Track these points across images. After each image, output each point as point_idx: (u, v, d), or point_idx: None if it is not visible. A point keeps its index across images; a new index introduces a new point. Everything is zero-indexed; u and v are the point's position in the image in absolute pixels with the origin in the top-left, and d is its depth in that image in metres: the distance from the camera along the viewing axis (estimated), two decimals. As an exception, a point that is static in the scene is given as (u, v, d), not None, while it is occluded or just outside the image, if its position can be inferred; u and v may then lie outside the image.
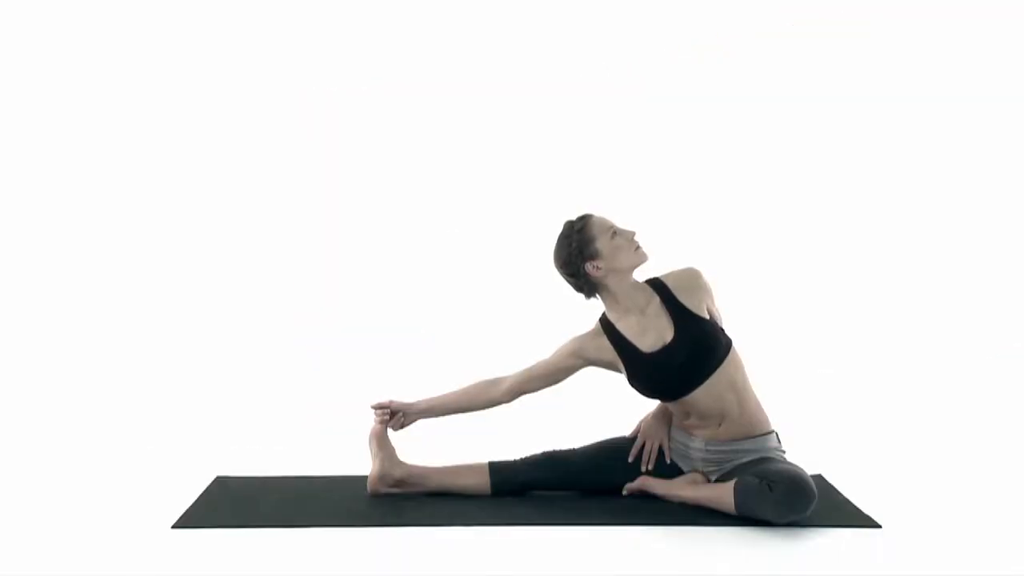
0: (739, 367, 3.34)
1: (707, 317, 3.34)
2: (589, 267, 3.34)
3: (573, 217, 3.41)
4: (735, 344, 3.36)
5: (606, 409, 3.87)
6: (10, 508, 3.36)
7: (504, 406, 3.50)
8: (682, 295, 3.35)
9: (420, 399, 3.53)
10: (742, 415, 3.32)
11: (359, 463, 3.62)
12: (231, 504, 3.37)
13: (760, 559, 2.88)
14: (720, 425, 3.33)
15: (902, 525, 3.17)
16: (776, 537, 3.05)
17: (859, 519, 3.22)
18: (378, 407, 3.53)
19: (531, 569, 2.83)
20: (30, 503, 3.42)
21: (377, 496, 3.45)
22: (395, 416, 3.52)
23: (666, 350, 3.31)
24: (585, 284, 3.38)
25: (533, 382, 3.45)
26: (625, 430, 3.53)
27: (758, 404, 3.36)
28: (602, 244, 3.33)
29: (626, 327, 3.37)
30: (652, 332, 3.34)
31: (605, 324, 3.41)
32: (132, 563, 2.88)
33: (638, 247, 3.35)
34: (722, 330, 3.36)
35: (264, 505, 3.37)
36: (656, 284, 3.39)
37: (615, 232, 3.34)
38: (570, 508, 3.33)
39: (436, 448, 3.67)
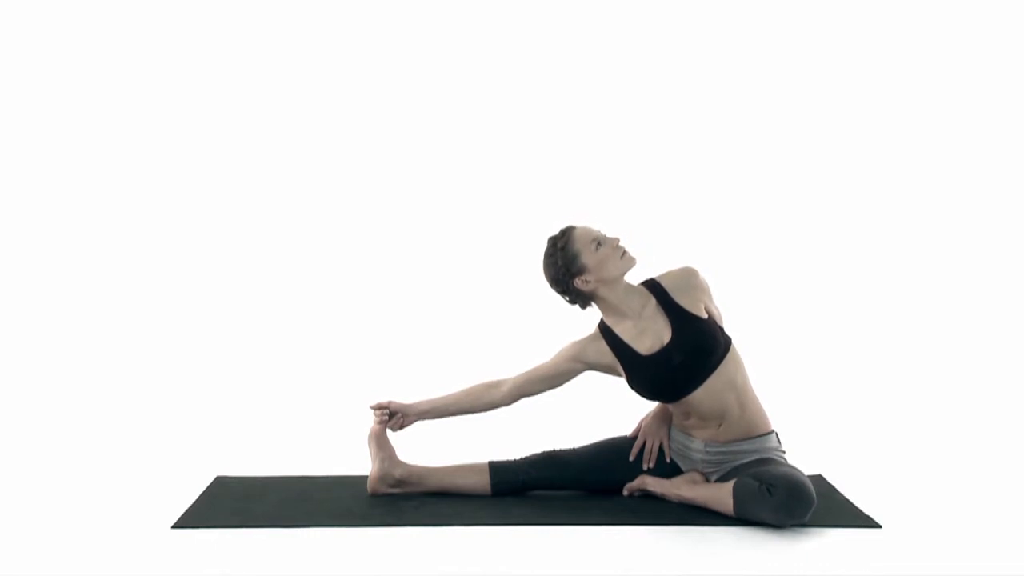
0: (739, 366, 3.33)
1: (705, 316, 3.33)
2: (578, 282, 3.33)
3: (555, 232, 3.39)
4: (735, 343, 3.36)
5: (606, 409, 3.88)
6: (11, 508, 3.36)
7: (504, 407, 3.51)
8: (678, 295, 3.34)
9: (420, 400, 3.53)
10: (742, 415, 3.32)
11: (359, 463, 3.62)
12: (231, 504, 3.37)
13: (760, 559, 2.88)
14: (720, 425, 3.33)
15: (902, 525, 3.18)
16: (776, 537, 3.05)
17: (859, 519, 3.23)
18: (377, 407, 3.53)
19: (531, 569, 2.83)
20: (30, 503, 3.42)
21: (377, 496, 3.45)
22: (394, 417, 3.51)
23: (664, 352, 3.30)
24: (578, 298, 3.38)
25: (533, 385, 3.45)
26: (625, 430, 3.53)
27: (758, 404, 3.36)
28: (587, 257, 3.31)
29: (624, 331, 3.36)
30: (650, 334, 3.33)
31: (603, 328, 3.40)
32: (132, 563, 2.88)
33: (624, 253, 3.33)
34: (721, 329, 3.36)
35: (264, 505, 3.37)
36: (652, 285, 3.38)
37: (599, 242, 3.32)
38: (570, 508, 3.33)
39: (436, 448, 3.67)
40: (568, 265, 3.32)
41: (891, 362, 5.20)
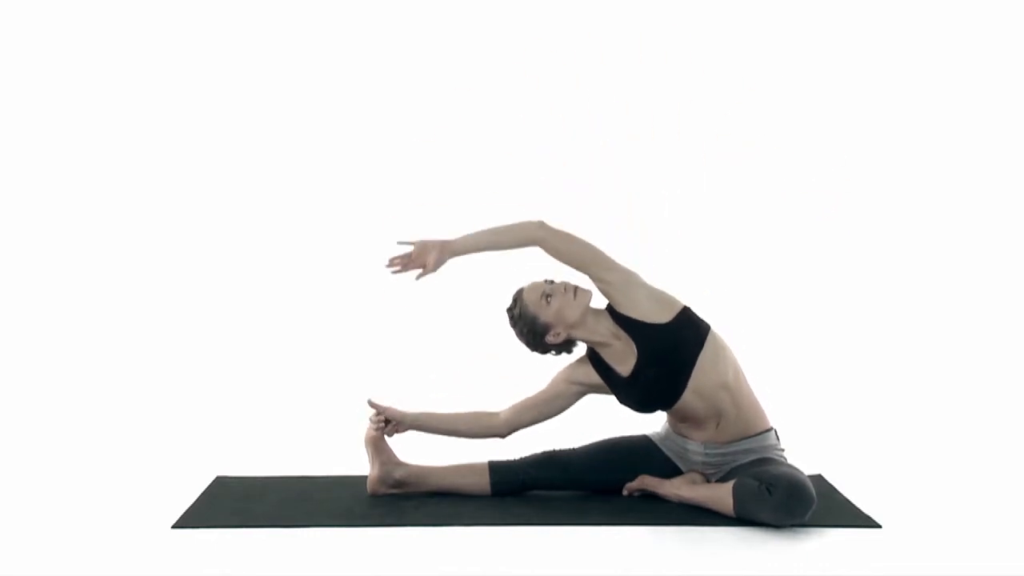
0: (728, 363, 3.31)
1: (661, 319, 3.30)
2: (550, 338, 3.37)
3: (509, 303, 3.42)
4: (728, 337, 3.35)
5: (606, 410, 3.87)
6: (11, 508, 3.36)
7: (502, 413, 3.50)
8: (620, 306, 3.33)
9: (418, 412, 3.50)
10: (739, 414, 3.31)
11: (359, 463, 3.62)
12: (231, 504, 3.37)
13: (760, 559, 2.88)
14: (717, 426, 3.33)
15: (902, 525, 3.18)
16: (776, 537, 3.05)
17: (859, 519, 3.23)
18: (376, 410, 3.51)
19: (531, 569, 2.84)
20: (30, 503, 3.42)
21: (377, 496, 3.45)
22: (389, 424, 3.49)
23: (637, 369, 3.32)
24: (561, 349, 3.43)
25: (530, 411, 3.45)
26: (624, 431, 3.53)
27: (754, 402, 3.36)
28: (544, 315, 3.34)
29: (608, 355, 3.38)
30: (630, 355, 3.34)
31: (591, 353, 3.44)
32: (132, 563, 2.88)
33: (575, 290, 3.35)
34: (691, 323, 3.32)
35: (264, 505, 3.37)
36: (609, 309, 3.39)
37: (548, 294, 3.34)
38: (570, 508, 3.33)
39: (436, 448, 3.67)
40: (532, 328, 3.36)
41: (891, 362, 5.20)
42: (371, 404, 3.51)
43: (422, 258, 3.31)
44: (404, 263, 3.34)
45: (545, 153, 5.55)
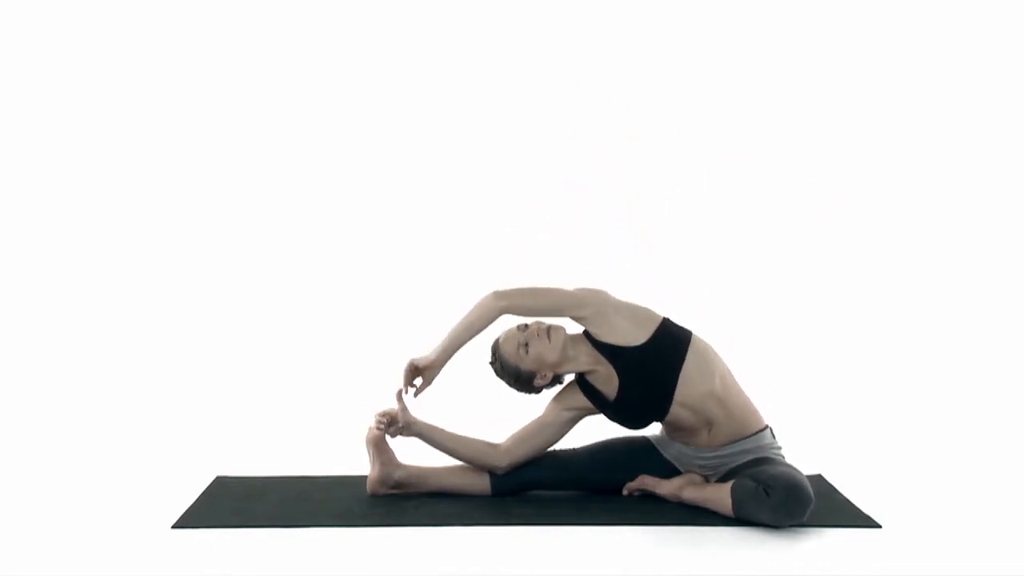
0: (714, 372, 3.31)
1: (633, 342, 3.30)
2: (538, 381, 3.40)
3: (489, 357, 3.45)
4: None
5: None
6: (11, 508, 3.36)
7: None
8: (598, 335, 3.35)
9: (428, 423, 3.46)
10: (729, 419, 3.32)
11: (359, 463, 3.62)
12: (231, 504, 3.38)
13: (760, 559, 2.89)
14: (710, 432, 3.34)
15: (902, 525, 3.18)
16: (776, 537, 3.05)
17: (859, 519, 3.23)
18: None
19: (531, 569, 2.84)
20: (30, 503, 3.42)
21: (377, 496, 3.45)
22: (393, 426, 3.47)
23: (622, 393, 3.34)
24: (552, 385, 3.45)
25: (527, 443, 3.43)
26: (624, 431, 3.53)
27: (744, 403, 3.35)
28: (525, 364, 3.38)
29: (595, 379, 3.40)
30: (614, 379, 3.36)
31: (579, 378, 3.45)
32: (132, 563, 2.88)
33: (548, 330, 3.37)
34: (669, 337, 3.32)
35: (264, 505, 3.37)
36: (585, 334, 3.40)
37: (523, 343, 3.36)
38: (570, 508, 3.34)
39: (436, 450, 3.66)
40: (518, 377, 3.41)
41: (891, 362, 5.19)
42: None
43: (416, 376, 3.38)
44: (406, 388, 3.39)
45: (545, 153, 5.55)
